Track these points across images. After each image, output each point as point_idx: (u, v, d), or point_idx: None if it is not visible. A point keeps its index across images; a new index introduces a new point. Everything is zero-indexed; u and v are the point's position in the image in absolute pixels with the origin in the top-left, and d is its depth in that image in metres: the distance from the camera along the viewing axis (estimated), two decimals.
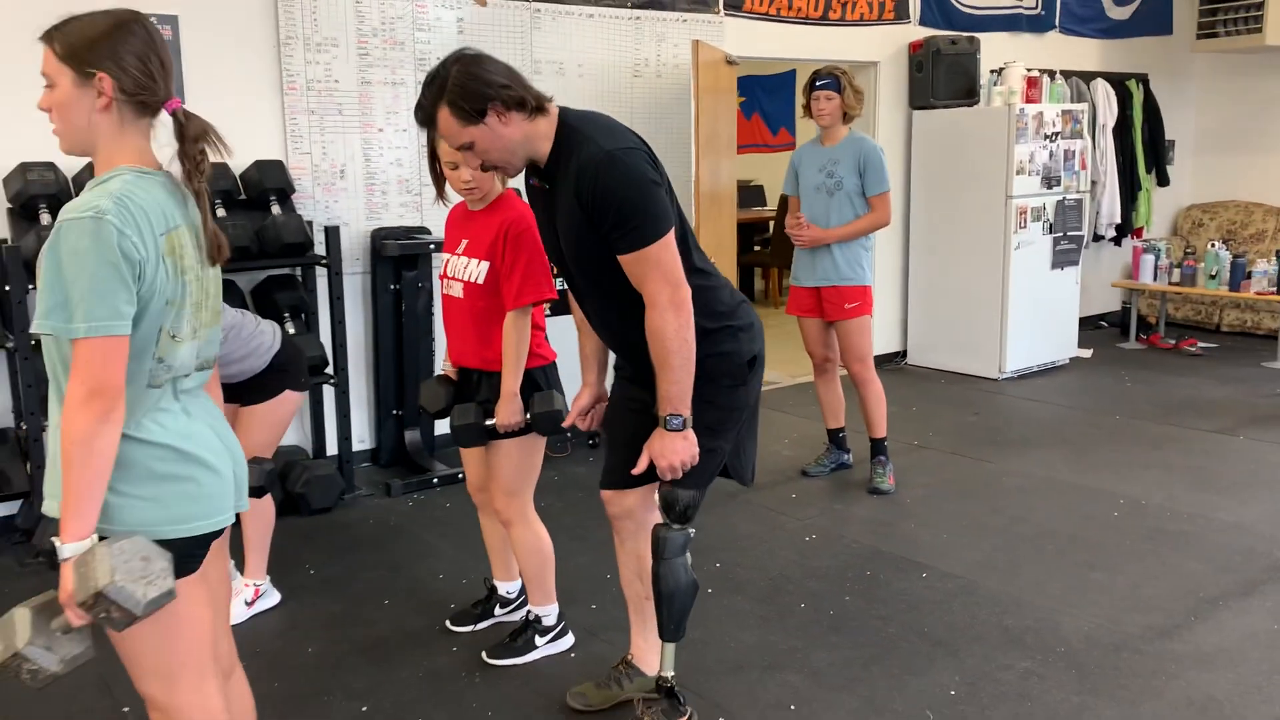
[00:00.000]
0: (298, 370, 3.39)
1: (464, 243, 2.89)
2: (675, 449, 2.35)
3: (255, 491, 3.13)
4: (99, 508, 1.61)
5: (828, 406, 4.81)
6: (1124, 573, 3.63)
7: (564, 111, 2.35)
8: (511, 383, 2.80)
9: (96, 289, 1.57)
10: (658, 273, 2.27)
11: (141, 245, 1.62)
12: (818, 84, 4.48)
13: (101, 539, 1.61)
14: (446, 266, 2.94)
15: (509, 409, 2.80)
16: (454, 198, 2.98)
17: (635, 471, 2.43)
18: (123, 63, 1.66)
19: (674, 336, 2.28)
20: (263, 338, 3.28)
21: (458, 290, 2.89)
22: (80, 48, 1.66)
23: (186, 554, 1.73)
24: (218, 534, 1.78)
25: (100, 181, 1.66)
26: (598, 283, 2.41)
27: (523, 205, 2.86)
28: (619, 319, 2.44)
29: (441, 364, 3.12)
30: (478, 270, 2.82)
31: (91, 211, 1.58)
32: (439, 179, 2.89)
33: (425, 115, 2.31)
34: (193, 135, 1.73)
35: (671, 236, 2.29)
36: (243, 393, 3.24)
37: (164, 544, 1.67)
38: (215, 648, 1.87)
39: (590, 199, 2.25)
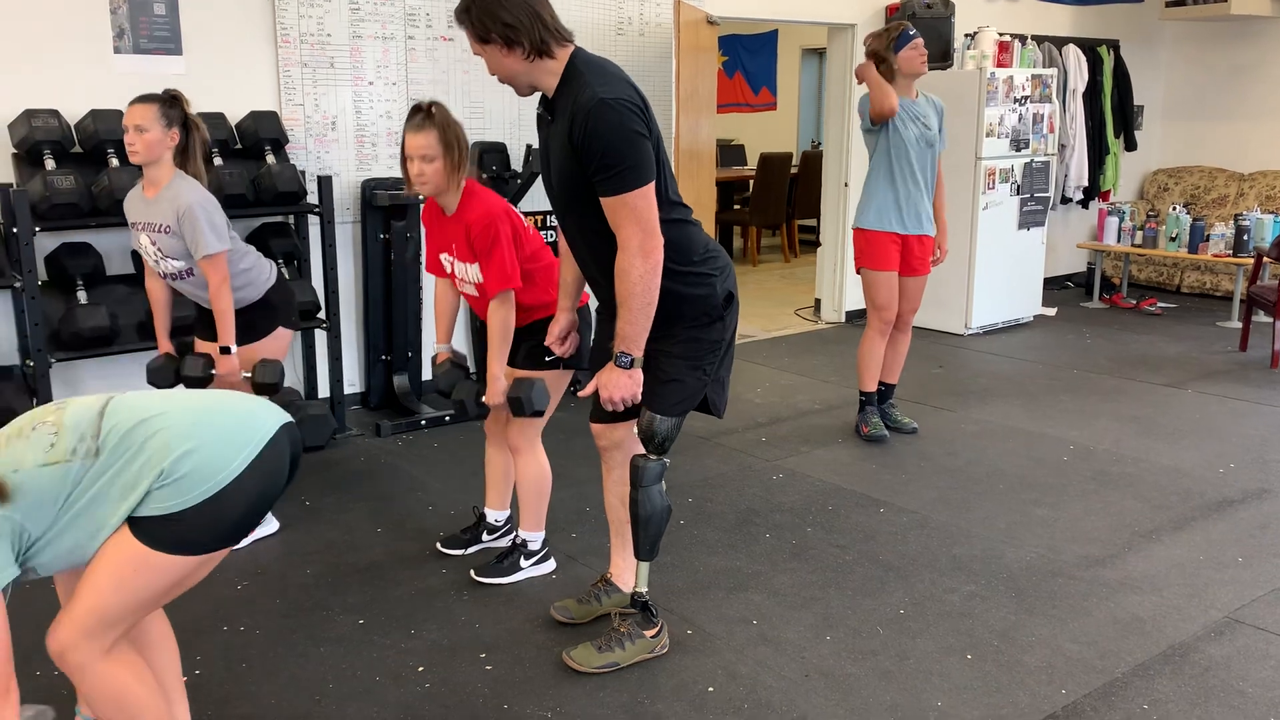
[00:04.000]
0: (289, 309, 3.60)
1: (454, 246, 3.13)
2: (620, 384, 2.55)
3: (271, 389, 3.40)
4: None
5: (890, 363, 4.83)
6: (1067, 509, 3.90)
7: (576, 53, 2.53)
8: (496, 365, 3.07)
9: None
10: (633, 219, 2.44)
11: None
12: (911, 33, 4.43)
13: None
14: (453, 268, 3.17)
15: (495, 390, 3.08)
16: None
17: (581, 395, 2.67)
18: None
19: (638, 280, 2.46)
20: (262, 272, 3.48)
21: (472, 290, 3.16)
22: None
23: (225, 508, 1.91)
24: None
25: None
26: (582, 217, 2.60)
27: (480, 203, 3.05)
28: (597, 252, 2.63)
29: (435, 346, 3.35)
30: (474, 271, 3.09)
31: None
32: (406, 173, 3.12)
33: (458, 20, 2.53)
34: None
35: (651, 188, 2.46)
36: (237, 332, 3.44)
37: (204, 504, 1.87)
38: None
39: (580, 141, 2.44)
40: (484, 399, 3.13)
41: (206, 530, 1.89)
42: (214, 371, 3.38)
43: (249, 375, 3.43)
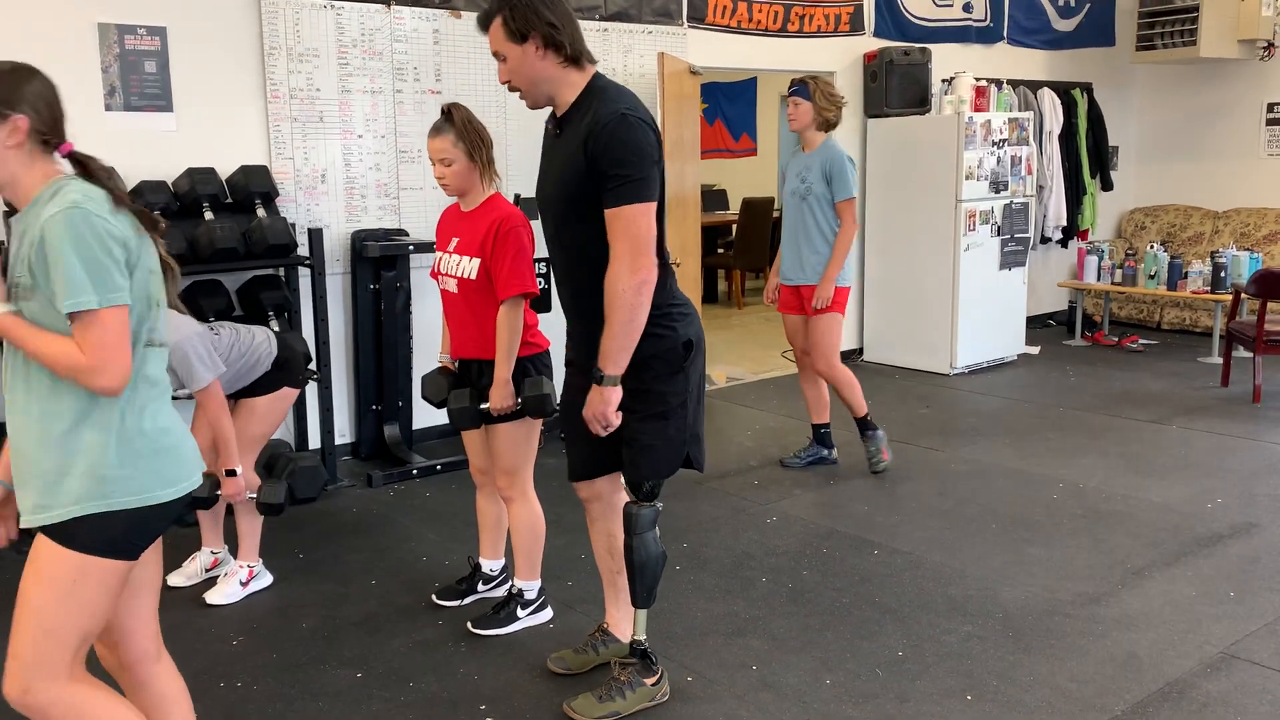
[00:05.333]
0: (296, 368, 3.61)
1: (455, 240, 3.14)
2: (591, 402, 2.53)
3: (275, 510, 3.42)
4: None
5: (810, 402, 4.98)
6: (1059, 548, 3.93)
7: (600, 76, 2.57)
8: (504, 370, 3.04)
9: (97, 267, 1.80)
10: (631, 232, 2.44)
11: (120, 226, 1.86)
12: (789, 91, 4.69)
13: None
14: (439, 263, 3.19)
15: (501, 394, 3.04)
16: (447, 200, 3.25)
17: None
18: (35, 105, 1.89)
19: (623, 293, 2.44)
20: (260, 348, 3.48)
21: (452, 286, 3.14)
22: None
23: (172, 515, 1.95)
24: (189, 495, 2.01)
25: (53, 191, 1.87)
26: (575, 234, 2.58)
27: (510, 206, 3.11)
28: (580, 278, 2.62)
29: (438, 356, 3.35)
30: (469, 266, 3.07)
31: (68, 204, 1.81)
32: None
33: (484, 17, 2.52)
34: (99, 169, 1.94)
35: (653, 208, 2.47)
36: (243, 389, 3.45)
37: (158, 507, 1.90)
38: (149, 629, 2.10)
39: (596, 150, 2.44)
40: (486, 406, 3.09)
41: (133, 534, 1.91)
42: (219, 493, 3.38)
43: (254, 496, 3.44)
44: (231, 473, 3.34)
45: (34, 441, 1.87)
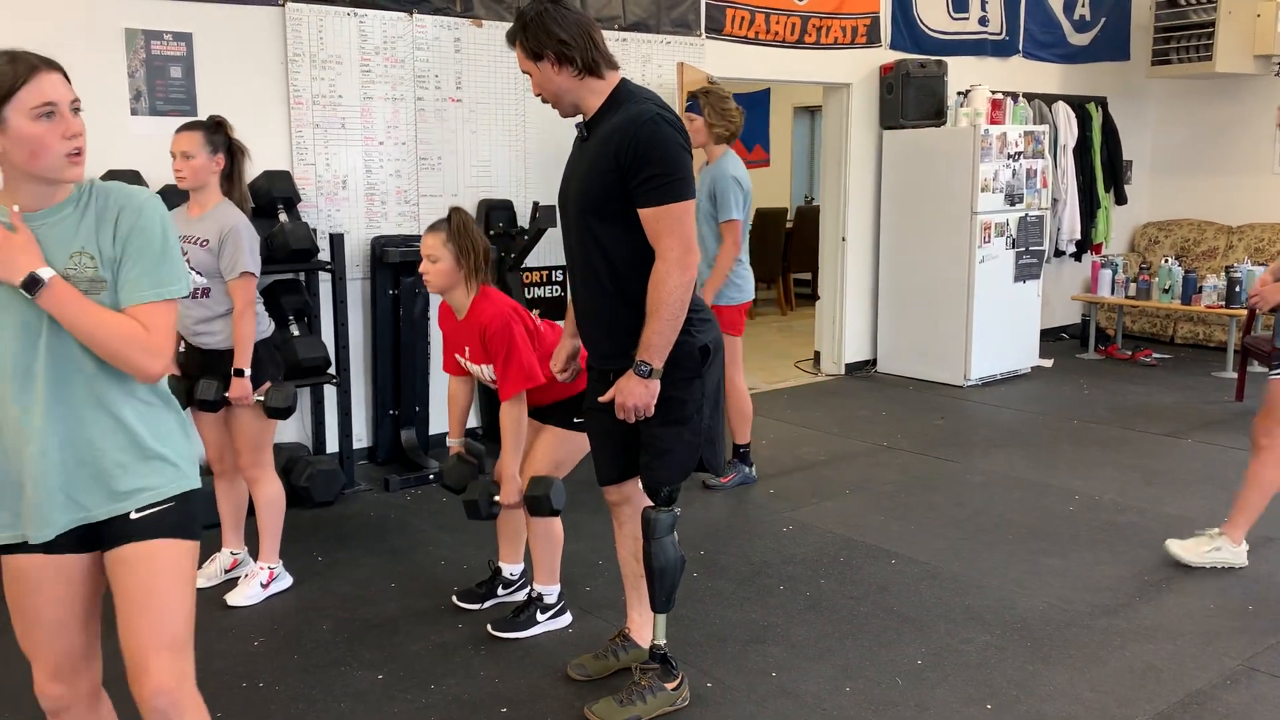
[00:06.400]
0: (276, 368, 3.62)
1: (468, 349, 3.20)
2: (635, 393, 2.55)
3: (282, 413, 3.47)
4: None
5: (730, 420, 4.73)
6: (1076, 559, 3.93)
7: (627, 81, 2.64)
8: (510, 465, 3.11)
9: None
10: (676, 230, 2.50)
11: None
12: (685, 106, 4.60)
13: None
14: (469, 366, 3.25)
15: (510, 489, 3.12)
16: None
17: (602, 399, 2.65)
18: None
19: (672, 290, 2.50)
20: (261, 320, 3.53)
21: (489, 383, 3.22)
22: None
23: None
24: None
25: (100, 187, 1.86)
26: (599, 237, 2.60)
27: (492, 305, 3.12)
28: (594, 275, 2.65)
29: (447, 441, 3.38)
30: (489, 372, 3.16)
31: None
32: None
33: (509, 38, 2.62)
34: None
35: (693, 205, 2.53)
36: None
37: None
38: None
39: (629, 151, 2.48)
40: (498, 499, 3.17)
41: (200, 513, 1.98)
42: (226, 394, 3.39)
43: (261, 399, 3.45)
44: (239, 372, 3.37)
45: (110, 434, 1.85)
